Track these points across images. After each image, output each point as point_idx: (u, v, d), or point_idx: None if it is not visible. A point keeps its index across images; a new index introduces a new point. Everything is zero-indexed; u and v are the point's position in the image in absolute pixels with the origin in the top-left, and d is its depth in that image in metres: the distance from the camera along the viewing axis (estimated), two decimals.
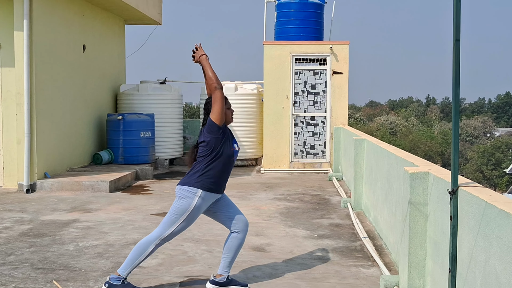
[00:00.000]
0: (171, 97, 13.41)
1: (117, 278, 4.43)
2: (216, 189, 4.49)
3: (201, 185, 4.41)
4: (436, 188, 3.94)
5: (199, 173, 4.44)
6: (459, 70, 3.27)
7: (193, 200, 4.40)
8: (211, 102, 4.50)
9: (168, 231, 4.44)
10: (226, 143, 4.51)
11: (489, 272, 2.89)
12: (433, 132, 60.70)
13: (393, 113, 72.80)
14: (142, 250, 4.44)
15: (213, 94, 4.43)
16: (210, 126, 4.46)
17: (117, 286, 4.41)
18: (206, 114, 4.57)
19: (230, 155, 4.54)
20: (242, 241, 4.67)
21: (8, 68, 9.76)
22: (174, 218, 4.43)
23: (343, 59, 12.46)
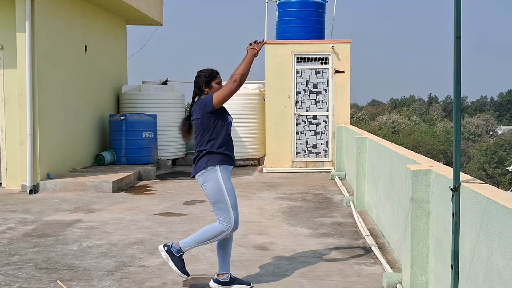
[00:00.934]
0: (173, 98, 13.43)
1: (178, 250, 4.57)
2: (227, 160, 4.58)
3: (213, 163, 4.51)
4: (438, 185, 3.95)
5: (206, 155, 4.54)
6: (460, 67, 3.28)
7: (217, 176, 4.49)
8: (202, 75, 4.62)
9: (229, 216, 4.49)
10: (219, 117, 4.58)
11: (491, 268, 2.90)
12: (435, 130, 60.66)
13: (395, 112, 72.75)
14: (211, 237, 4.52)
15: (230, 83, 4.47)
16: (207, 103, 4.51)
17: (174, 256, 4.55)
18: (196, 88, 4.68)
19: (226, 127, 4.61)
20: (231, 237, 4.70)
21: (11, 70, 9.78)
22: (221, 201, 4.49)
23: (344, 58, 12.46)
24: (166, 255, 4.59)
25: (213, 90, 4.63)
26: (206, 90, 4.65)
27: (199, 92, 4.70)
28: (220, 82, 4.69)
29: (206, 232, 4.54)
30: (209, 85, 4.65)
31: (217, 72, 4.72)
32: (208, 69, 4.73)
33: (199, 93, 4.71)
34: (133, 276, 4.96)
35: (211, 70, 4.72)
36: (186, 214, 7.70)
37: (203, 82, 4.66)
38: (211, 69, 4.74)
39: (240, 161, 13.42)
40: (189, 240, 4.60)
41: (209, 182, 4.50)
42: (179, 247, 4.58)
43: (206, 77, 4.66)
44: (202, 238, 4.55)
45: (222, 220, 4.51)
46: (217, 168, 4.50)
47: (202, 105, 4.54)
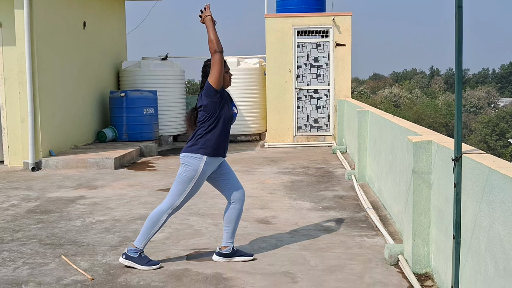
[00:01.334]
0: (173, 73, 13.37)
1: (134, 250, 4.52)
2: (219, 153, 4.53)
3: (204, 151, 4.46)
4: (440, 157, 3.95)
5: (201, 139, 4.48)
6: (461, 37, 3.25)
7: (198, 167, 4.45)
8: (209, 65, 4.49)
9: (179, 200, 4.50)
10: (224, 106, 4.52)
11: (493, 237, 2.91)
12: (437, 103, 60.49)
13: (396, 86, 72.48)
14: (155, 221, 4.51)
15: (212, 57, 4.40)
16: (208, 89, 4.45)
17: (135, 258, 4.50)
18: (204, 77, 4.57)
19: (229, 118, 4.56)
20: (240, 211, 4.73)
21: (10, 47, 9.73)
22: (182, 186, 4.49)
23: (345, 30, 12.36)
24: (128, 262, 4.51)
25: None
26: None
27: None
28: (228, 70, 4.60)
29: (151, 219, 4.51)
30: None
31: (224, 61, 4.59)
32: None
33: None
34: None
35: None
36: None
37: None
38: None
39: (242, 137, 13.42)
40: (140, 236, 4.55)
41: (188, 167, 4.46)
42: (135, 247, 4.53)
43: None
44: (149, 226, 4.51)
45: (169, 198, 4.51)
46: (204, 159, 4.45)
47: (206, 93, 4.46)
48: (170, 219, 5.96)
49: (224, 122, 4.51)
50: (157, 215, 4.52)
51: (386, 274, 4.34)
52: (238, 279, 4.27)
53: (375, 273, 4.37)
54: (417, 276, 4.19)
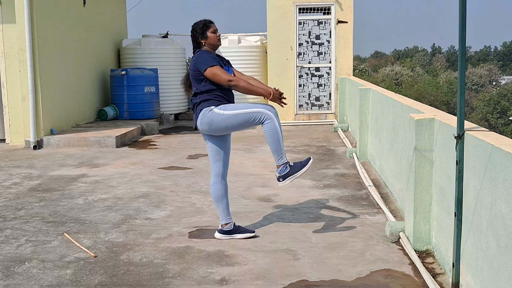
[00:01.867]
0: (174, 51, 13.30)
1: (283, 167, 4.51)
2: (223, 101, 4.56)
3: (208, 106, 4.51)
4: (442, 134, 3.94)
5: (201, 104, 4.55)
6: (465, 11, 3.22)
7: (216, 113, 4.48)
8: (195, 28, 4.61)
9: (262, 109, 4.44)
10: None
11: (495, 214, 2.92)
12: (438, 81, 60.26)
13: (398, 63, 72.15)
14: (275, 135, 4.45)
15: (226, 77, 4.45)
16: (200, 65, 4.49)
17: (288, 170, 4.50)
18: (193, 42, 4.67)
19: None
20: (226, 186, 4.74)
21: (9, 25, 9.67)
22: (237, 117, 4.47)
23: (347, 7, 12.26)
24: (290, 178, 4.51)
25: (209, 40, 4.61)
26: (203, 42, 4.63)
27: (197, 46, 4.68)
28: (215, 30, 4.65)
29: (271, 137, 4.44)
30: (204, 36, 4.61)
31: (211, 21, 4.68)
32: (201, 20, 4.71)
33: (198, 46, 4.68)
34: (139, 228, 5.02)
35: (204, 20, 4.69)
36: (190, 168, 7.74)
37: (199, 34, 4.63)
38: (204, 19, 4.71)
39: None
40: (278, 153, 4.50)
41: (214, 120, 4.49)
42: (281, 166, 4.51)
43: (200, 28, 4.63)
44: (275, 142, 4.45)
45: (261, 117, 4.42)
46: (211, 109, 4.50)
47: (197, 63, 4.52)
48: (171, 197, 6.00)
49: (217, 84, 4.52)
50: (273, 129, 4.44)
51: (387, 251, 4.37)
52: (240, 256, 4.30)
53: (376, 250, 4.39)
54: (418, 253, 4.22)
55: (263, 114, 4.43)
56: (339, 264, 4.12)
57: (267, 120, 4.43)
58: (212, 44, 4.64)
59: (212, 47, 4.66)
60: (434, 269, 3.95)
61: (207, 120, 4.52)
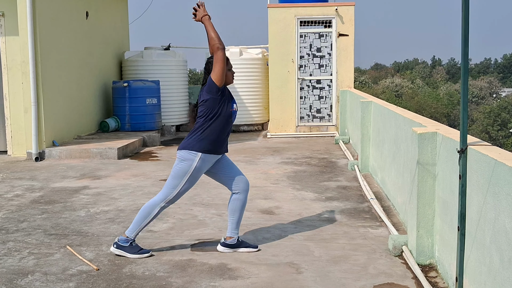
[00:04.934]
0: (176, 63, 13.36)
1: (125, 239, 4.57)
2: (215, 150, 4.53)
3: (199, 148, 4.46)
4: (445, 148, 3.95)
5: (198, 135, 4.48)
6: (468, 28, 3.25)
7: (193, 162, 4.46)
8: (212, 62, 4.49)
9: (172, 194, 4.53)
10: (224, 103, 4.52)
11: (498, 229, 2.93)
12: (438, 93, 60.35)
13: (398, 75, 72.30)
14: (148, 213, 4.55)
15: (215, 54, 4.42)
16: (210, 86, 4.46)
17: (125, 247, 4.55)
18: (206, 74, 4.56)
19: (228, 115, 4.56)
20: (245, 201, 4.74)
21: (12, 37, 9.72)
22: (177, 180, 4.51)
23: (348, 20, 12.33)
24: (119, 251, 4.57)
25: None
26: None
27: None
28: (230, 68, 4.59)
29: (144, 210, 4.55)
30: None
31: (227, 59, 4.59)
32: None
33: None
34: (141, 241, 5.01)
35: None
36: None
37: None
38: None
39: (244, 127, 13.43)
40: (131, 226, 4.60)
41: (182, 163, 4.48)
42: (126, 236, 4.57)
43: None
44: (142, 217, 4.54)
45: (164, 191, 4.54)
46: (199, 155, 4.45)
47: (208, 89, 4.47)
48: (173, 209, 5.99)
49: (223, 119, 4.50)
50: (150, 207, 4.55)
51: (390, 265, 4.36)
52: (242, 270, 4.29)
53: (379, 264, 4.39)
54: (421, 267, 4.21)
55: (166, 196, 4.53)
56: (342, 278, 4.11)
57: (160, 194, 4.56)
58: (226, 82, 4.56)
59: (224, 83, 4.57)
60: (437, 283, 3.95)
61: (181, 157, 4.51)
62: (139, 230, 4.58)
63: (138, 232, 4.59)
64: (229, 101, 4.57)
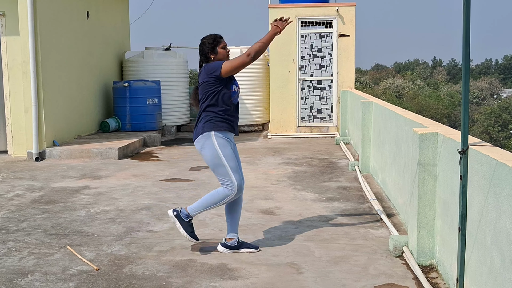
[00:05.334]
0: (177, 63, 13.36)
1: (186, 214, 4.64)
2: (225, 127, 4.53)
3: (209, 128, 4.50)
4: (446, 149, 3.95)
5: (204, 120, 4.53)
6: (469, 28, 3.24)
7: (212, 141, 4.48)
8: (205, 43, 4.58)
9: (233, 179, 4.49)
10: (223, 84, 4.52)
11: (499, 230, 2.92)
12: (439, 94, 60.36)
13: (399, 76, 72.30)
14: (216, 201, 4.56)
15: (243, 55, 4.45)
16: (213, 68, 4.48)
17: (183, 221, 4.64)
18: (201, 55, 4.62)
19: (228, 96, 4.55)
20: (240, 200, 4.74)
21: (13, 37, 9.72)
22: (221, 166, 4.49)
23: (349, 21, 12.32)
24: (175, 220, 4.66)
25: (219, 56, 4.59)
26: (212, 57, 4.59)
27: (205, 60, 4.65)
28: (225, 46, 4.64)
29: (212, 196, 4.58)
30: (214, 51, 4.59)
31: (221, 37, 4.65)
32: (211, 34, 4.66)
33: (206, 60, 4.65)
34: (141, 241, 5.01)
35: (214, 35, 4.65)
36: (192, 180, 7.74)
37: (208, 49, 4.60)
38: (214, 34, 4.67)
39: (245, 127, 13.42)
40: (196, 205, 4.65)
41: (205, 148, 4.50)
42: (187, 212, 4.64)
43: (210, 43, 4.60)
44: (208, 202, 4.59)
45: (226, 184, 4.53)
46: (212, 134, 4.48)
47: (209, 70, 4.50)
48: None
49: (223, 100, 4.52)
50: (220, 196, 4.54)
51: (390, 265, 4.36)
52: (243, 270, 4.29)
53: (380, 264, 4.38)
54: (422, 267, 4.20)
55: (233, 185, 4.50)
56: (343, 279, 4.10)
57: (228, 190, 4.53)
58: (221, 60, 4.58)
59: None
60: (438, 284, 3.94)
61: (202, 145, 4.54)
62: (201, 211, 4.65)
63: (200, 213, 4.67)
64: (228, 82, 4.57)
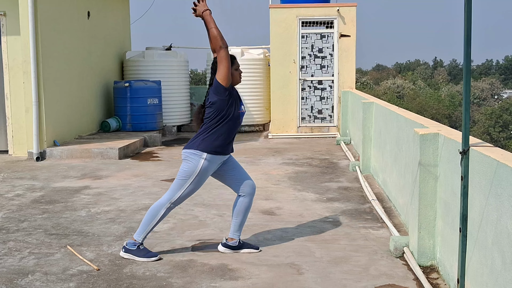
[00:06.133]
0: (177, 63, 13.35)
1: (133, 243, 4.53)
2: (221, 151, 4.45)
3: (205, 148, 4.38)
4: (447, 149, 3.94)
5: (204, 136, 4.40)
6: (470, 28, 3.24)
7: (198, 163, 4.38)
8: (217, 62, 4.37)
9: (177, 195, 4.48)
10: (232, 105, 4.42)
11: (500, 230, 2.91)
12: (440, 95, 60.32)
13: (400, 77, 72.28)
14: (154, 215, 4.50)
15: (218, 53, 4.30)
16: (216, 87, 4.36)
17: (133, 250, 4.50)
18: (213, 74, 4.43)
19: (236, 117, 4.47)
20: (249, 204, 4.69)
21: (14, 36, 9.72)
22: (182, 181, 4.46)
23: (350, 21, 12.31)
24: (127, 255, 4.52)
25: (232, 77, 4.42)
26: None
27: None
28: (237, 68, 4.48)
29: (150, 212, 4.50)
30: None
31: (234, 57, 4.48)
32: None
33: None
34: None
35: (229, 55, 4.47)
36: None
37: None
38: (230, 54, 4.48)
39: (245, 127, 13.42)
40: (139, 228, 4.55)
41: (189, 163, 4.41)
42: (134, 239, 4.53)
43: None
44: (148, 219, 4.50)
45: (169, 193, 4.49)
46: (204, 155, 4.37)
47: (215, 90, 4.36)
48: (174, 209, 5.97)
49: (230, 121, 4.42)
50: (156, 208, 4.50)
51: (391, 266, 4.35)
52: (243, 270, 4.28)
53: (381, 265, 4.38)
54: (423, 268, 4.20)
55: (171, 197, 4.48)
56: (343, 279, 4.10)
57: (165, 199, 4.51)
58: (233, 82, 4.46)
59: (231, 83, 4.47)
60: (438, 284, 3.93)
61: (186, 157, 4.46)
62: (146, 232, 4.53)
63: (146, 234, 4.54)
64: (237, 102, 4.47)
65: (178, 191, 4.47)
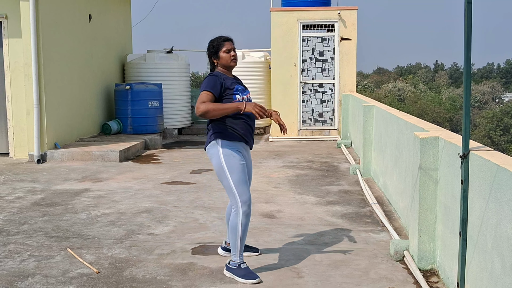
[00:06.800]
0: (178, 66, 13.37)
1: (234, 263, 4.25)
2: (231, 135, 4.20)
3: (216, 137, 4.21)
4: (447, 153, 3.94)
5: (211, 130, 4.26)
6: (470, 32, 3.24)
7: (218, 151, 4.19)
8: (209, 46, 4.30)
9: (235, 192, 4.17)
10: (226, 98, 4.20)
11: (500, 234, 2.91)
12: (441, 98, 60.33)
13: (401, 80, 72.29)
14: (234, 232, 4.20)
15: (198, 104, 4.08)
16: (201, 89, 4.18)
17: (234, 269, 4.21)
18: (209, 60, 4.34)
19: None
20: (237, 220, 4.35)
21: (15, 39, 9.74)
22: (223, 178, 4.21)
23: (351, 25, 12.32)
24: (229, 274, 4.26)
25: (221, 61, 4.29)
26: (216, 62, 4.32)
27: (211, 65, 4.39)
28: (228, 50, 4.29)
29: (231, 226, 4.23)
30: (217, 56, 4.30)
31: (225, 39, 4.32)
32: (217, 37, 4.37)
33: (213, 67, 4.38)
34: (142, 244, 5.01)
35: (217, 38, 4.35)
36: (193, 183, 7.73)
37: (212, 53, 4.33)
38: (218, 37, 4.37)
39: None
40: (231, 250, 4.27)
41: (213, 159, 4.25)
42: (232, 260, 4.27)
43: (214, 46, 4.31)
44: (234, 234, 4.21)
45: (232, 201, 4.21)
46: (218, 142, 4.21)
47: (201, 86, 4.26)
48: (175, 212, 5.97)
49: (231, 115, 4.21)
50: (232, 224, 4.21)
51: (391, 270, 4.35)
52: None
53: (381, 268, 4.37)
54: (423, 272, 4.20)
55: (236, 201, 4.17)
56: (343, 283, 4.10)
57: (234, 209, 4.20)
58: (224, 65, 4.29)
59: (225, 68, 4.32)
60: None
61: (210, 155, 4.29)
62: (239, 250, 4.21)
63: (240, 252, 4.22)
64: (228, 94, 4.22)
65: (232, 190, 4.18)
